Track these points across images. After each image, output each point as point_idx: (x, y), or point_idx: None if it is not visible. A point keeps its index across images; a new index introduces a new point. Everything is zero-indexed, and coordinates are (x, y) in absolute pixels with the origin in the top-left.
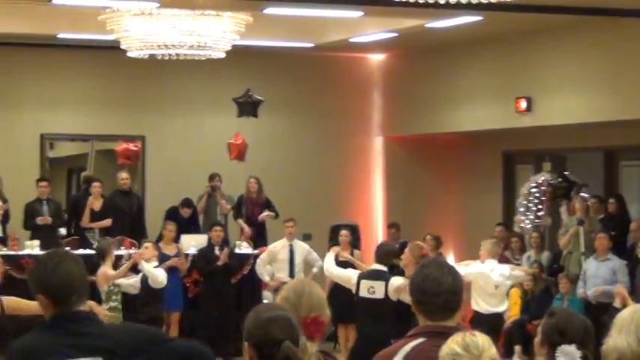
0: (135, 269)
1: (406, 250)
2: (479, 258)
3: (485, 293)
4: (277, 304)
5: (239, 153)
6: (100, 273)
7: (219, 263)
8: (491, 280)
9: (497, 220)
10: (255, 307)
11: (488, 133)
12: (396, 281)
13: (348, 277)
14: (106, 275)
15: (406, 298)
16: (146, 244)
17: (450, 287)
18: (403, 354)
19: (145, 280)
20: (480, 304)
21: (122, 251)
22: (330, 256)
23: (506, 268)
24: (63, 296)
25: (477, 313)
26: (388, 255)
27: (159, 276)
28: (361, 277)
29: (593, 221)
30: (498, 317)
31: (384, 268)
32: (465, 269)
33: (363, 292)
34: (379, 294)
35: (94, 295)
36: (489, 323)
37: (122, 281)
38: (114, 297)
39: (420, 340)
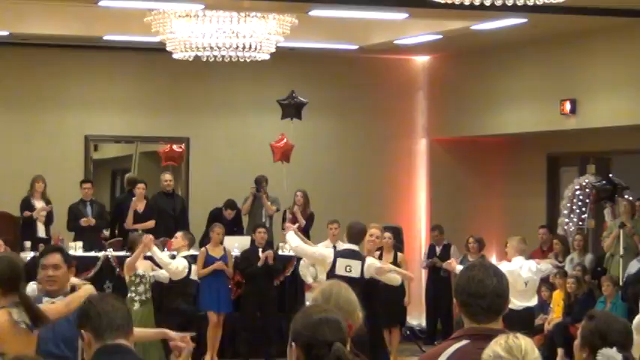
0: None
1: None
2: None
3: (516, 290)
4: (328, 307)
5: (282, 155)
6: (125, 263)
7: (259, 264)
8: (521, 278)
9: (540, 222)
10: (304, 308)
11: (532, 136)
12: (373, 262)
13: (323, 256)
14: (126, 265)
15: (389, 279)
16: (176, 234)
17: (494, 289)
18: (446, 356)
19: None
20: (512, 301)
21: (165, 252)
22: (292, 235)
23: (533, 264)
24: (106, 329)
25: (509, 311)
26: (360, 234)
27: (173, 265)
28: (337, 255)
29: (637, 224)
30: (530, 311)
31: (357, 248)
32: None
33: (340, 271)
34: (355, 273)
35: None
36: (522, 318)
37: (157, 272)
38: (133, 287)
39: (464, 342)
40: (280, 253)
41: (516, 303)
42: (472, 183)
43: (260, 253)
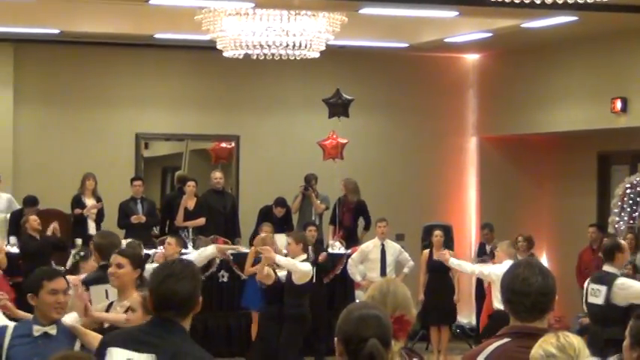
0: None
1: None
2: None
3: None
4: (373, 304)
5: (332, 153)
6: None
7: (319, 262)
8: None
9: (590, 221)
10: (350, 305)
11: (583, 134)
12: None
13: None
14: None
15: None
16: (168, 240)
17: (539, 288)
18: (486, 354)
19: None
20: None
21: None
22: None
23: None
24: (161, 308)
25: (498, 311)
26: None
27: None
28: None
29: None
30: None
31: None
32: (488, 269)
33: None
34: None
35: None
36: (508, 320)
37: None
38: None
39: (505, 340)
40: (330, 251)
41: None
42: (522, 181)
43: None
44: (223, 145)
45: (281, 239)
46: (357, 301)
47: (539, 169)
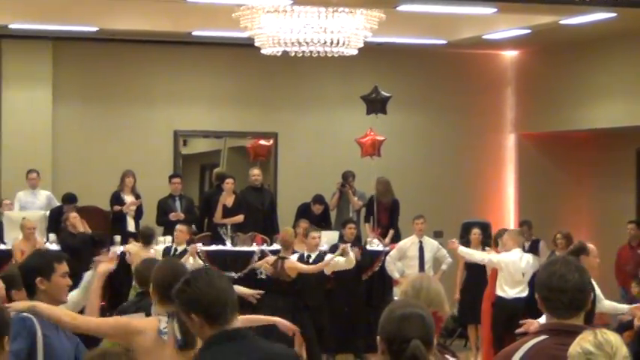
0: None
1: None
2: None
3: (513, 280)
4: (415, 302)
5: (370, 150)
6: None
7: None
8: (520, 268)
9: (629, 217)
10: (393, 302)
11: (622, 131)
12: None
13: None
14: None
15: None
16: (179, 227)
17: (576, 285)
18: (524, 351)
19: None
20: (506, 290)
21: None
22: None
23: (530, 257)
24: (220, 313)
25: (500, 299)
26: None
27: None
28: None
29: None
30: (520, 302)
31: None
32: (497, 257)
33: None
34: None
35: None
36: (511, 308)
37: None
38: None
39: (543, 337)
40: (368, 247)
41: (509, 292)
42: (561, 178)
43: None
44: (261, 142)
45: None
46: (395, 298)
47: (577, 165)
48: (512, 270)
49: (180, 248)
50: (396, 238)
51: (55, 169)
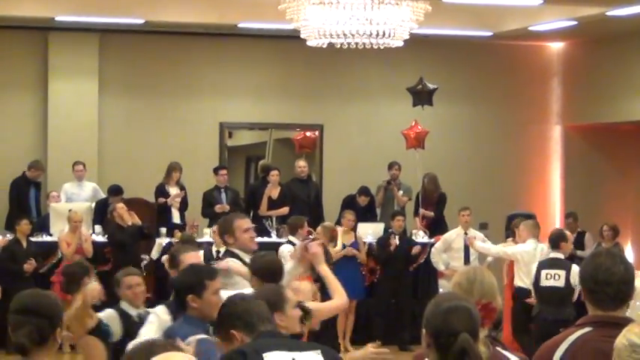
0: None
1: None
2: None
3: (529, 270)
4: (460, 295)
5: (415, 142)
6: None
7: (391, 249)
8: (535, 259)
9: None
10: (437, 295)
11: None
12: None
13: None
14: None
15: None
16: (214, 229)
17: (622, 277)
18: (568, 343)
19: None
20: (525, 280)
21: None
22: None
23: (545, 246)
24: (256, 322)
25: (520, 289)
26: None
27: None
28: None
29: None
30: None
31: None
32: (512, 249)
33: None
34: None
35: None
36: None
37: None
38: None
39: (587, 329)
40: (414, 239)
41: (527, 282)
42: (607, 170)
43: (397, 240)
44: (307, 134)
45: (364, 228)
46: (441, 290)
47: (624, 157)
48: (528, 260)
49: (222, 250)
50: (442, 230)
51: (101, 161)
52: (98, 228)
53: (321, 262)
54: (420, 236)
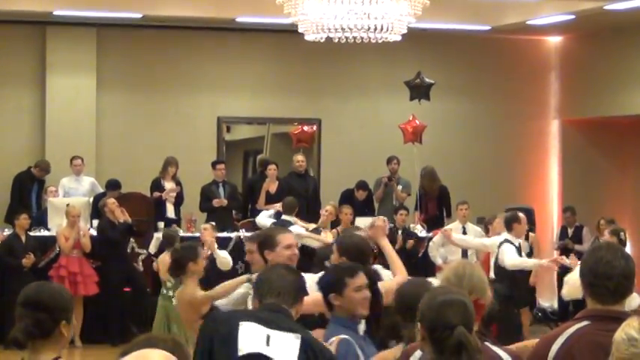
0: None
1: None
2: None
3: None
4: (456, 288)
5: (413, 136)
6: (160, 260)
7: (408, 248)
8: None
9: None
10: (432, 289)
11: None
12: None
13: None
14: (160, 267)
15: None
16: (204, 226)
17: (622, 271)
18: (565, 336)
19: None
20: None
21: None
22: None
23: (521, 241)
24: (264, 293)
25: (491, 281)
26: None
27: (229, 262)
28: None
29: None
30: None
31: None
32: (491, 240)
33: None
34: None
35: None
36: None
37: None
38: (170, 284)
39: (585, 323)
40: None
41: None
42: (605, 164)
43: (400, 235)
44: (305, 128)
45: (362, 222)
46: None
47: (622, 151)
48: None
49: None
50: (440, 224)
51: (99, 155)
52: (96, 223)
53: (383, 237)
54: (419, 230)
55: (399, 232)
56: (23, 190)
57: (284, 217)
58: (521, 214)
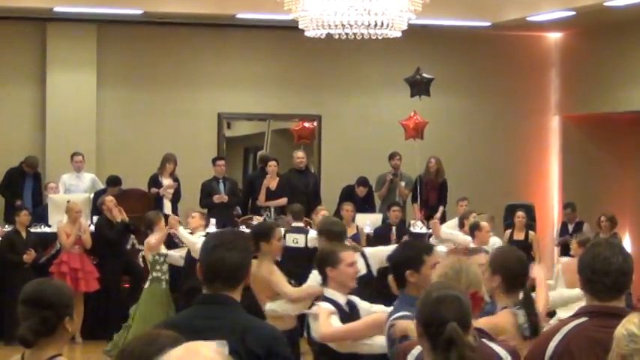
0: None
1: None
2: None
3: None
4: (451, 284)
5: (414, 132)
6: (145, 242)
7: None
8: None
9: None
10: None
11: None
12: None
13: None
14: (149, 244)
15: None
16: (193, 214)
17: (620, 267)
18: (563, 333)
19: (189, 252)
20: None
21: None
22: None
23: (498, 240)
24: (209, 278)
25: None
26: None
27: (199, 245)
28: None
29: None
30: None
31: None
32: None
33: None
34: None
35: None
36: None
37: (171, 253)
38: (157, 267)
39: (583, 319)
40: (412, 230)
41: None
42: (605, 160)
43: (394, 231)
44: (306, 124)
45: (362, 219)
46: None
47: (622, 148)
48: None
49: (196, 236)
50: (440, 221)
51: (99, 152)
52: (96, 219)
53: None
54: (419, 227)
55: (393, 228)
56: (14, 186)
57: (294, 224)
58: (484, 223)
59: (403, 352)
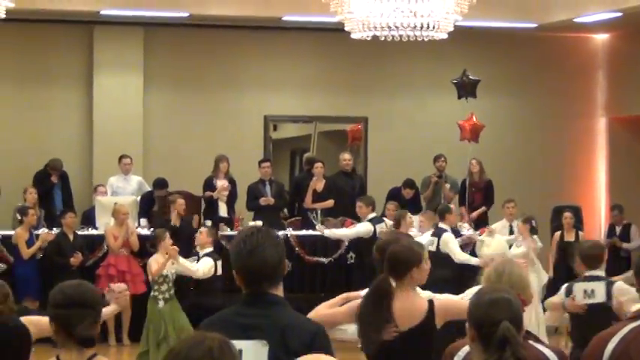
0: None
1: None
2: None
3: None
4: (503, 287)
5: (471, 134)
6: (148, 264)
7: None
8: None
9: None
10: (480, 289)
11: None
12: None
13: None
14: (150, 269)
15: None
16: (201, 229)
17: None
18: (621, 335)
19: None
20: None
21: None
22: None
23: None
24: (252, 281)
25: None
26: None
27: (200, 272)
28: None
29: None
30: None
31: None
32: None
33: None
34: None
35: None
36: None
37: (182, 264)
38: (156, 287)
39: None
40: (460, 232)
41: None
42: None
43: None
44: (360, 126)
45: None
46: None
47: None
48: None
49: (201, 253)
50: (485, 223)
51: (146, 154)
52: (144, 221)
53: None
54: (466, 229)
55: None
56: (41, 188)
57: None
58: (452, 206)
59: (450, 354)
